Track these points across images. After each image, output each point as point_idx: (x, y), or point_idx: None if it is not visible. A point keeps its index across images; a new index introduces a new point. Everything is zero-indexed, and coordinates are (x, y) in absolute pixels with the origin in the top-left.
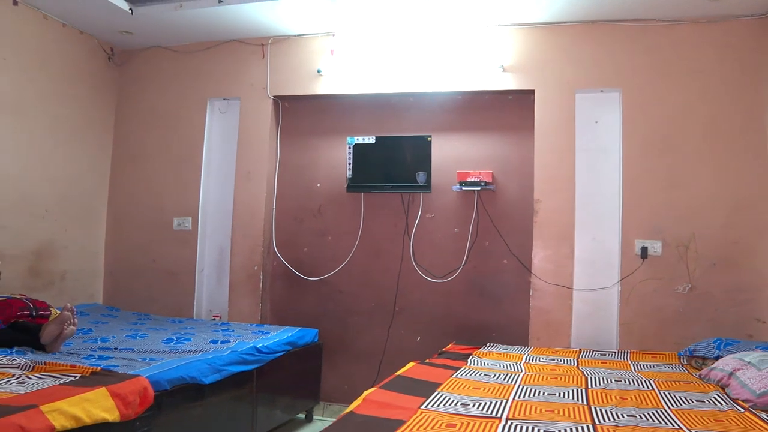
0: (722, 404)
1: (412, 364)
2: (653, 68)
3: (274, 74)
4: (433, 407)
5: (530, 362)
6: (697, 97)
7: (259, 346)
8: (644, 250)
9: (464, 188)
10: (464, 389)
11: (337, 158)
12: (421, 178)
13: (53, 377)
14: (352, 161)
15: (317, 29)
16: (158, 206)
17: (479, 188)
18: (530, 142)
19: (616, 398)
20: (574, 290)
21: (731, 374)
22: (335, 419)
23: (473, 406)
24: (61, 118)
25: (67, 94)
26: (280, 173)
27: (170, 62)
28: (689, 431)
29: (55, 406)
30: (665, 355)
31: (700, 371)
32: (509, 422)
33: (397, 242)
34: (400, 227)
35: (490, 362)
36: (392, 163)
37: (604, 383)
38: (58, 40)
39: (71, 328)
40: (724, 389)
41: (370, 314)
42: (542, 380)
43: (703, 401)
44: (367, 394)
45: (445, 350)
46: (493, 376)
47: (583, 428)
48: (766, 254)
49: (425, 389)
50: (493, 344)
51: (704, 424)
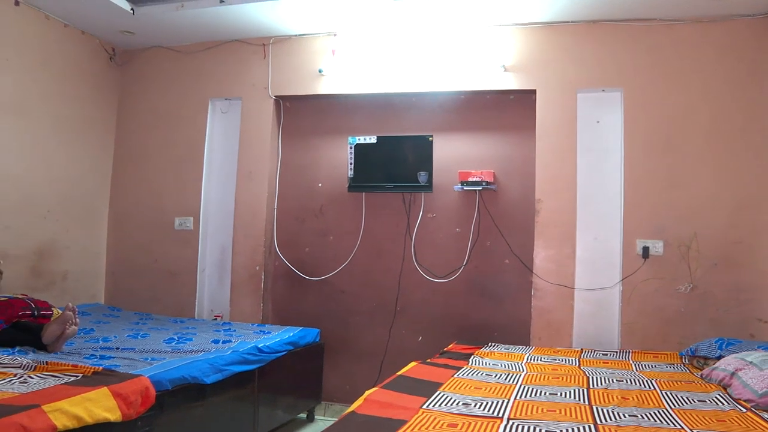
0: (724, 404)
1: (413, 363)
2: (655, 68)
3: (275, 74)
4: (434, 407)
5: (532, 362)
6: (698, 96)
7: (260, 345)
8: (646, 249)
9: (466, 188)
10: (466, 389)
11: (338, 158)
12: (422, 177)
13: (55, 377)
14: (353, 161)
15: (318, 29)
16: (160, 206)
17: (481, 188)
18: (532, 141)
19: (617, 398)
20: (575, 290)
21: (733, 374)
22: (337, 419)
23: (475, 405)
24: (62, 118)
25: (68, 94)
26: (281, 173)
27: (172, 62)
28: (691, 431)
29: (57, 405)
30: (667, 354)
31: (701, 371)
32: (511, 422)
33: (398, 242)
34: (401, 227)
35: (491, 362)
36: (394, 162)
37: (605, 383)
38: (59, 40)
39: (73, 327)
40: (726, 389)
41: (371, 314)
42: (544, 380)
43: (704, 401)
44: (368, 393)
45: (446, 350)
46: (494, 375)
47: (584, 428)
48: (767, 254)
49: (427, 389)
50: (494, 344)
51: (706, 424)
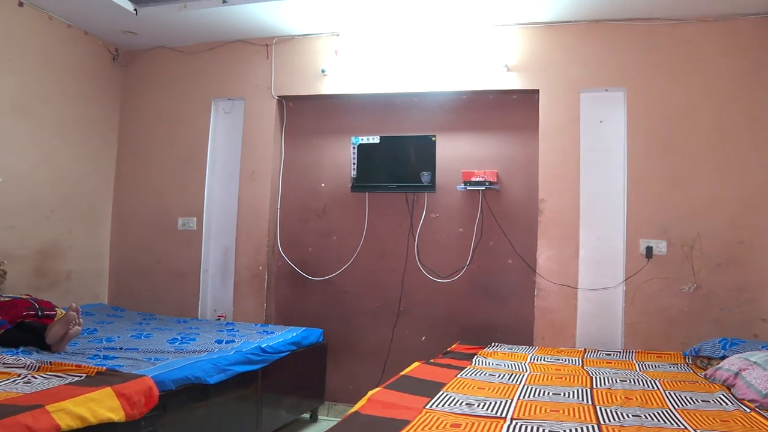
0: (728, 404)
1: (416, 364)
2: (658, 67)
3: (278, 74)
4: (437, 407)
5: (535, 362)
6: (702, 96)
7: (263, 346)
8: (649, 249)
9: (469, 188)
10: (469, 389)
11: (341, 158)
12: (425, 177)
13: (59, 377)
14: (356, 161)
15: (321, 29)
16: (163, 206)
17: (484, 188)
18: (535, 141)
19: (621, 398)
20: (578, 290)
21: (737, 374)
22: (340, 419)
23: (478, 406)
24: (66, 118)
25: (72, 94)
26: (284, 173)
27: (174, 62)
28: (695, 431)
29: (60, 405)
30: (670, 354)
31: (705, 371)
32: (514, 422)
33: (401, 242)
34: (404, 227)
35: (494, 362)
36: (397, 162)
37: (609, 383)
38: (63, 40)
39: (76, 328)
40: (729, 389)
41: (374, 314)
42: (547, 380)
43: (708, 401)
44: (371, 394)
45: (449, 350)
46: (497, 376)
47: (588, 428)
48: None
49: (430, 389)
50: (497, 344)
51: (710, 424)
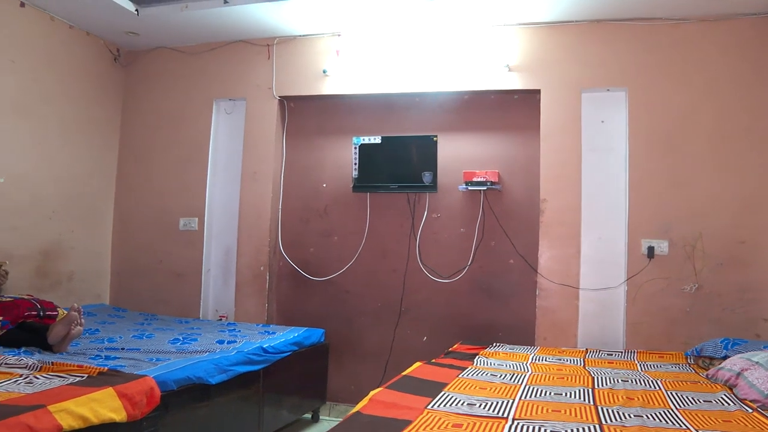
0: (730, 404)
1: (418, 364)
2: (659, 67)
3: (279, 74)
4: (439, 407)
5: (537, 362)
6: (703, 95)
7: (265, 346)
8: (651, 249)
9: (470, 188)
10: (471, 389)
11: (343, 158)
12: (427, 178)
13: (61, 377)
14: (357, 161)
15: (323, 29)
16: (164, 207)
17: (485, 188)
18: (536, 141)
19: (622, 398)
20: (580, 290)
21: (739, 374)
22: (342, 419)
23: (480, 406)
24: (67, 118)
25: (73, 94)
26: (286, 173)
27: (176, 63)
28: (696, 431)
29: (62, 406)
30: (672, 354)
31: (707, 371)
32: (516, 422)
33: (403, 242)
34: (406, 227)
35: (496, 362)
36: (398, 163)
37: (610, 383)
38: (64, 41)
39: (78, 328)
40: (731, 389)
41: (376, 314)
42: (549, 380)
43: (710, 401)
44: (373, 394)
45: (451, 350)
46: (499, 376)
47: (589, 428)
48: None
49: (432, 389)
50: (499, 344)
51: (712, 424)
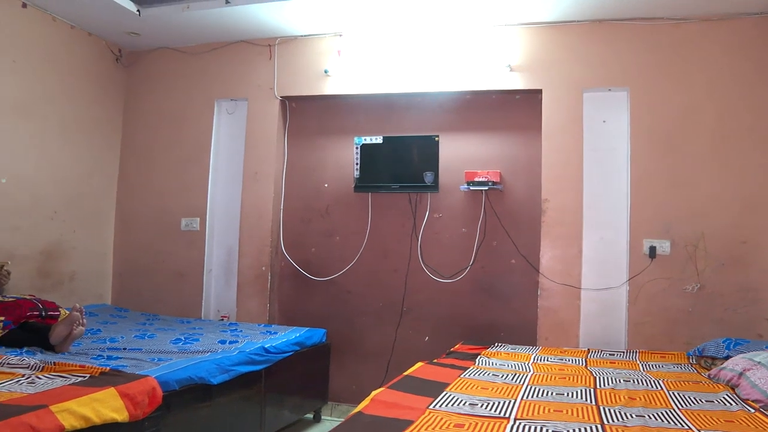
0: (732, 404)
1: (420, 364)
2: (661, 67)
3: (281, 75)
4: (441, 407)
5: (538, 362)
6: (705, 95)
7: (267, 346)
8: (653, 249)
9: (472, 188)
10: (472, 389)
11: (344, 158)
12: (428, 177)
13: (63, 377)
14: (359, 161)
15: (324, 30)
16: (166, 207)
17: (487, 188)
18: (538, 141)
19: (624, 398)
20: (582, 290)
21: (741, 374)
22: (343, 419)
23: (481, 406)
24: (69, 119)
25: (75, 95)
26: (287, 174)
27: (178, 63)
28: (699, 431)
29: (64, 406)
30: (674, 354)
31: (709, 371)
32: (517, 422)
33: (404, 242)
34: (407, 227)
35: (498, 362)
36: (400, 163)
37: (612, 383)
38: (66, 41)
39: (80, 328)
40: (733, 389)
41: (378, 314)
42: (550, 380)
43: (712, 401)
44: (375, 394)
45: (453, 350)
46: (501, 376)
47: (591, 428)
48: None
49: (433, 389)
50: (501, 344)
51: (714, 424)
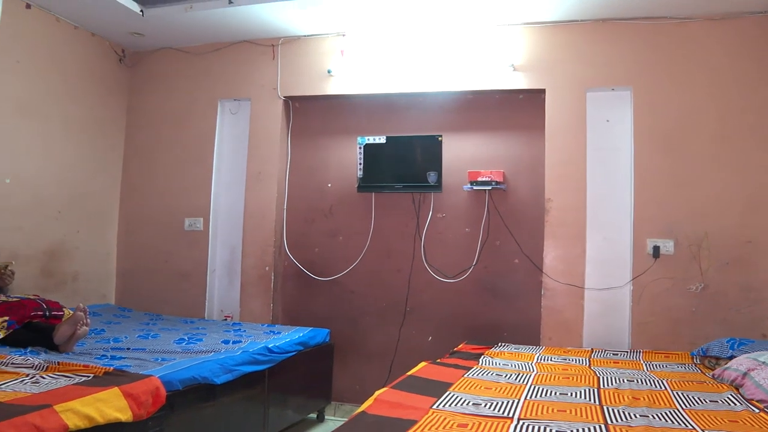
0: (736, 404)
1: (423, 363)
2: (664, 66)
3: (284, 75)
4: (444, 407)
5: (542, 362)
6: (708, 94)
7: (270, 346)
8: (656, 249)
9: (475, 188)
10: (476, 389)
11: (347, 158)
12: (431, 177)
13: (67, 377)
14: (362, 161)
15: (327, 30)
16: (169, 207)
17: (490, 188)
18: (541, 141)
19: (628, 398)
20: (585, 290)
21: (745, 374)
22: (347, 419)
23: (485, 405)
24: (72, 119)
25: (78, 95)
26: (290, 174)
27: (181, 63)
28: (703, 431)
29: (68, 405)
30: (678, 354)
31: (713, 371)
32: (521, 422)
33: (408, 242)
34: (411, 227)
35: (501, 362)
36: (403, 162)
37: (616, 383)
38: (69, 42)
39: (84, 328)
40: (738, 389)
41: (381, 314)
42: (554, 380)
43: (716, 401)
44: (378, 394)
45: (456, 350)
46: (504, 375)
47: (595, 428)
48: None
49: (437, 389)
50: (504, 344)
51: (718, 424)
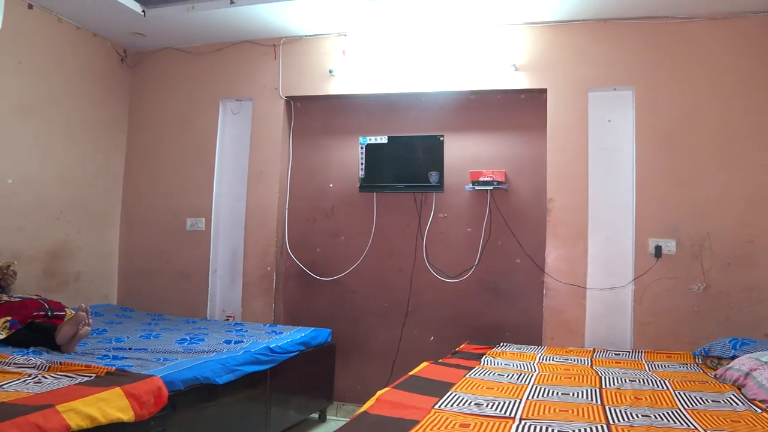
0: (738, 404)
1: (425, 363)
2: (666, 66)
3: (286, 75)
4: (446, 407)
5: (544, 362)
6: (710, 94)
7: (272, 346)
8: (658, 249)
9: (477, 188)
10: (478, 389)
11: (349, 158)
12: (433, 177)
13: (69, 377)
14: (364, 161)
15: (329, 29)
16: (171, 207)
17: (492, 188)
18: (543, 141)
19: (630, 398)
20: (587, 290)
21: (748, 374)
22: (349, 419)
23: (487, 405)
24: (74, 119)
25: (80, 95)
26: (292, 174)
27: (183, 63)
28: (705, 431)
29: (70, 405)
30: (680, 354)
31: (715, 371)
32: (523, 422)
33: (409, 242)
34: (412, 227)
35: (503, 362)
36: (405, 162)
37: (618, 383)
38: (71, 42)
39: (86, 328)
40: (740, 389)
41: (383, 314)
42: (556, 380)
43: (718, 401)
44: (380, 394)
45: (458, 350)
46: (506, 375)
47: (597, 428)
48: None
49: (439, 389)
50: (506, 344)
51: (720, 424)
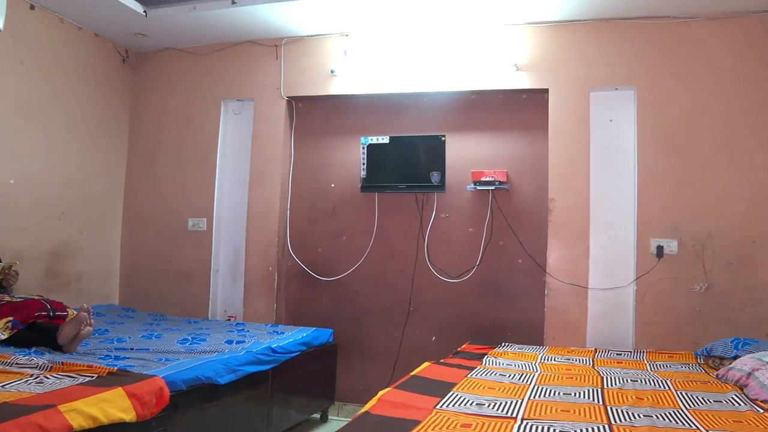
0: (740, 405)
1: (427, 364)
2: (668, 66)
3: (287, 75)
4: (448, 407)
5: (545, 362)
6: (712, 94)
7: (274, 346)
8: (660, 248)
9: (478, 188)
10: (479, 389)
11: (351, 158)
12: (435, 177)
13: (70, 377)
14: (366, 161)
15: (330, 30)
16: (173, 207)
17: (493, 188)
18: (544, 141)
19: (632, 398)
20: (589, 289)
21: (750, 374)
22: (350, 419)
23: (488, 406)
24: (76, 120)
25: (82, 96)
26: (294, 174)
27: (184, 64)
28: (707, 431)
29: (72, 405)
30: (682, 354)
31: (717, 371)
32: (524, 422)
33: (411, 242)
34: (414, 227)
35: (505, 362)
36: (406, 162)
37: (620, 383)
38: (73, 43)
39: (88, 328)
40: (742, 389)
41: (384, 314)
42: (558, 380)
43: (720, 401)
44: (382, 394)
45: (460, 350)
46: (508, 375)
47: (598, 428)
48: None
49: (440, 389)
50: (508, 344)
51: (722, 424)
